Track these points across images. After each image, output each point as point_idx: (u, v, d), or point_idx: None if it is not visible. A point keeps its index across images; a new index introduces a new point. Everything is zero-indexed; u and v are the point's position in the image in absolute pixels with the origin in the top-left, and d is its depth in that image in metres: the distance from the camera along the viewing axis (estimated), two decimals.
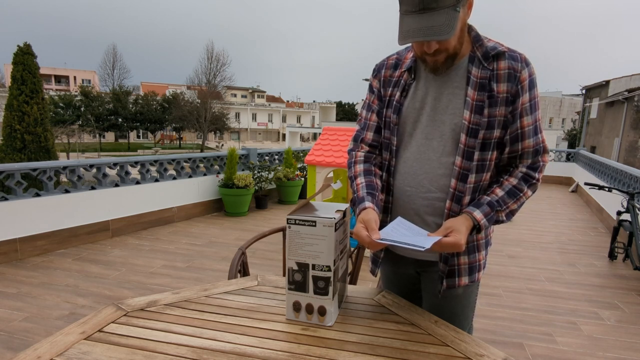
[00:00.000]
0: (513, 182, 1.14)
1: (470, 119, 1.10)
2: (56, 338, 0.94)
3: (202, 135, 37.50)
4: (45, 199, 4.14)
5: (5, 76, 38.33)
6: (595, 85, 19.95)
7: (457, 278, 1.20)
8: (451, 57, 1.09)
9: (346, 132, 4.76)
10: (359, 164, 1.26)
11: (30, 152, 7.76)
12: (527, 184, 1.14)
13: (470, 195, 1.15)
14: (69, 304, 3.00)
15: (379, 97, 1.26)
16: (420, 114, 1.17)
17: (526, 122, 1.12)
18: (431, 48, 1.03)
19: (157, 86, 48.06)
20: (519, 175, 1.15)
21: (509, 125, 1.13)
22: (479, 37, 1.13)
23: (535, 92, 1.12)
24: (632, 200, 4.31)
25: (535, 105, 1.12)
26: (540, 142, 1.14)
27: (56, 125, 28.49)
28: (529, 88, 1.10)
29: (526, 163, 1.15)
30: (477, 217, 1.09)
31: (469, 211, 1.10)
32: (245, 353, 0.90)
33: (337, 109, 57.79)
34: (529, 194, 1.16)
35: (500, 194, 1.13)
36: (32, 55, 7.93)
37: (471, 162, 1.12)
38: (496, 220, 1.13)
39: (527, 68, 1.09)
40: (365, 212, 1.12)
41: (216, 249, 4.45)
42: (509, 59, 1.09)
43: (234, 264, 1.55)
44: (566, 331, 2.84)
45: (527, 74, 1.09)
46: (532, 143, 1.13)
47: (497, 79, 1.09)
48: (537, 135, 1.13)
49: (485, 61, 1.10)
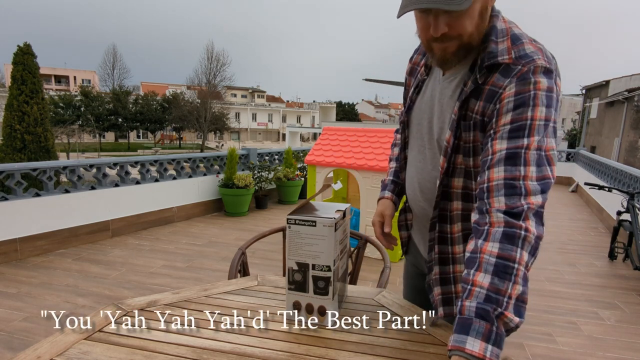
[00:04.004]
0: (493, 251, 0.75)
1: (450, 140, 0.93)
2: (56, 338, 0.94)
3: (202, 135, 37.51)
4: (45, 199, 4.14)
5: (5, 76, 38.31)
6: (595, 85, 19.94)
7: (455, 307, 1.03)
8: (464, 47, 0.86)
9: (346, 132, 4.75)
10: (397, 147, 1.27)
11: (30, 152, 7.76)
12: (517, 244, 0.74)
13: (461, 222, 0.99)
14: (69, 304, 3.00)
15: (406, 86, 1.19)
16: (423, 118, 1.05)
17: (498, 147, 0.82)
18: (438, 30, 0.83)
19: (157, 86, 48.07)
20: (498, 235, 0.76)
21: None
22: (490, 34, 0.88)
23: (532, 112, 0.81)
24: (632, 200, 4.31)
25: (524, 129, 0.81)
26: (520, 176, 0.79)
27: (56, 125, 28.49)
28: (514, 107, 0.82)
29: (500, 207, 0.78)
30: (476, 352, 0.67)
31: (458, 347, 0.68)
32: (245, 353, 0.90)
33: (337, 109, 57.80)
34: (528, 260, 0.75)
35: (486, 283, 0.72)
36: (32, 55, 7.93)
37: (450, 189, 0.98)
38: (509, 331, 0.71)
39: (516, 83, 0.82)
40: (381, 203, 1.19)
41: (216, 249, 4.45)
42: (501, 72, 0.85)
43: (234, 264, 1.55)
44: (566, 331, 2.84)
45: (514, 91, 0.82)
46: (502, 174, 0.80)
47: (480, 96, 0.88)
48: (515, 167, 0.79)
49: (479, 72, 0.88)
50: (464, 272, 0.78)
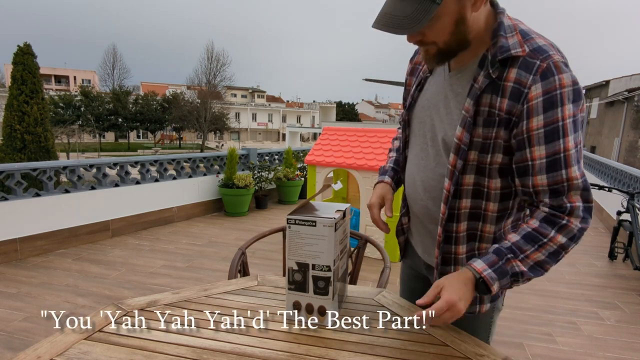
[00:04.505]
0: (533, 225, 0.89)
1: (462, 137, 0.92)
2: (56, 338, 0.94)
3: (202, 135, 37.52)
4: (45, 199, 4.14)
5: (5, 76, 38.33)
6: (595, 85, 19.96)
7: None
8: (443, 52, 0.90)
9: (346, 132, 4.75)
10: (397, 140, 1.32)
11: (30, 152, 7.77)
12: (555, 227, 0.86)
13: (468, 221, 1.00)
14: (69, 304, 3.00)
15: (407, 86, 1.20)
16: (425, 115, 1.05)
17: (537, 153, 0.86)
18: (410, 39, 0.89)
19: (157, 86, 48.08)
20: (541, 216, 0.89)
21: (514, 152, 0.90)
22: (499, 30, 0.89)
23: (562, 112, 0.83)
24: (632, 200, 4.31)
25: (558, 131, 0.84)
26: (563, 180, 0.85)
27: (56, 125, 28.51)
28: (544, 109, 0.83)
29: (547, 203, 0.89)
30: (478, 268, 0.86)
31: (469, 262, 0.90)
32: (245, 353, 0.90)
33: (337, 109, 57.81)
34: (562, 241, 0.86)
35: (514, 239, 0.88)
36: (32, 55, 7.94)
37: (460, 186, 0.97)
38: (513, 275, 0.86)
39: (541, 82, 0.83)
40: (380, 186, 1.22)
41: (216, 249, 4.45)
42: (521, 67, 0.85)
43: (234, 264, 1.55)
44: (566, 331, 2.84)
45: (541, 90, 0.83)
46: (545, 181, 0.87)
47: (503, 92, 0.88)
48: (557, 172, 0.85)
49: (492, 66, 0.88)
50: None
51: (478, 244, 1.04)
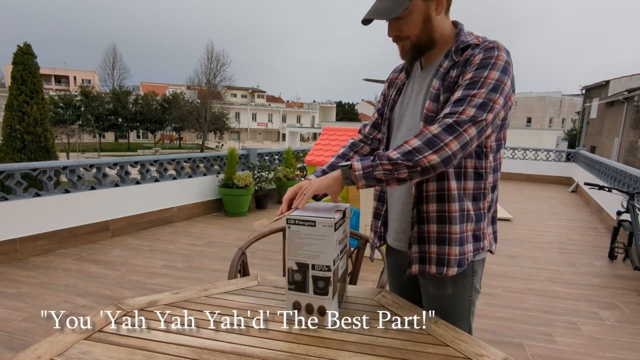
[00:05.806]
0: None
1: (430, 107, 1.13)
2: (56, 338, 0.94)
3: (202, 135, 37.50)
4: (45, 199, 4.14)
5: (5, 76, 38.31)
6: (595, 85, 19.95)
7: (427, 265, 1.16)
8: (416, 46, 1.14)
9: (346, 132, 4.76)
10: (343, 147, 1.43)
11: (30, 152, 7.76)
12: (437, 123, 1.02)
13: (436, 181, 1.13)
14: (69, 304, 3.00)
15: (385, 97, 1.38)
16: (406, 109, 1.24)
17: (455, 95, 1.05)
18: (390, 33, 1.14)
19: (157, 86, 48.05)
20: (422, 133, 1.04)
21: None
22: (460, 33, 1.15)
23: (487, 72, 1.03)
24: (632, 200, 4.31)
25: (477, 82, 1.03)
26: (458, 112, 1.01)
27: (56, 125, 28.49)
28: (476, 68, 1.05)
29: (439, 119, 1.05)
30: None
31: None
32: (245, 353, 0.90)
33: (337, 109, 57.77)
34: (437, 131, 0.99)
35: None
36: (32, 55, 7.93)
37: None
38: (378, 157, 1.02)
39: (483, 52, 1.06)
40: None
41: (216, 249, 4.45)
42: (473, 48, 1.10)
43: (234, 264, 1.55)
44: (566, 331, 2.84)
45: (481, 57, 1.06)
46: (447, 110, 1.03)
47: (458, 65, 1.11)
48: (460, 107, 1.01)
49: (455, 54, 1.12)
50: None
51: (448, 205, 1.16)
